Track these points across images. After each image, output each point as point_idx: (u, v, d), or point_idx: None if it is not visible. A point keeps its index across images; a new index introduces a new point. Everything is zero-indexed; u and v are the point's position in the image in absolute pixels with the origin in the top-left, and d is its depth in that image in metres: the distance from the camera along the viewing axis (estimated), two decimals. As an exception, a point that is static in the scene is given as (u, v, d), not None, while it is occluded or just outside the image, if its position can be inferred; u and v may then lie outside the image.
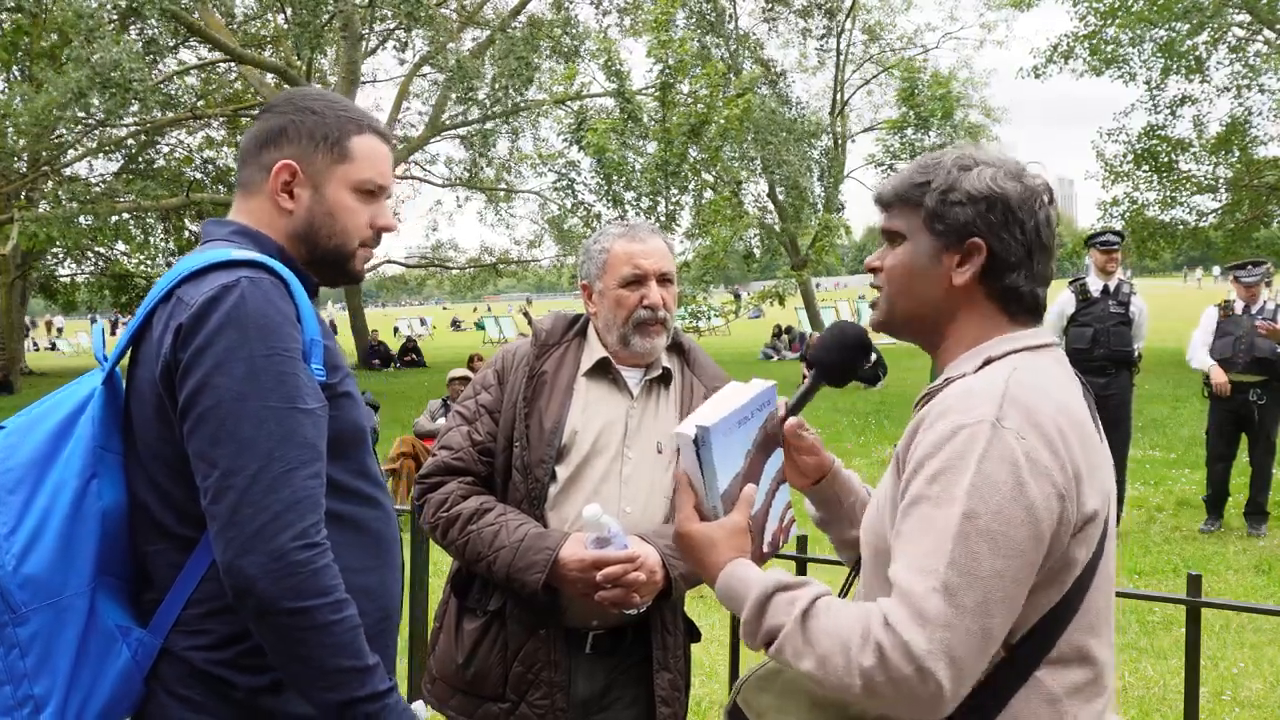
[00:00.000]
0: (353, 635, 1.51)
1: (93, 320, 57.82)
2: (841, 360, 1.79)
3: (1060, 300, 7.73)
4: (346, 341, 29.78)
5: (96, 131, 21.18)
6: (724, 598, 1.49)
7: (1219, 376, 7.47)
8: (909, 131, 21.49)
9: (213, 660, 1.56)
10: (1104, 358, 7.43)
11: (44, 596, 1.51)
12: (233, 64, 21.73)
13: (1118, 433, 7.53)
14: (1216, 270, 61.64)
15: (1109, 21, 21.62)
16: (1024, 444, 1.33)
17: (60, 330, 57.35)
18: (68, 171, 23.68)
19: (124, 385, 1.65)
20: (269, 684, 1.57)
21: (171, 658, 1.58)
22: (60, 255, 29.19)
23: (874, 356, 2.16)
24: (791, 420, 1.75)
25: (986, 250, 1.49)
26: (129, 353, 1.65)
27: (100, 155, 24.51)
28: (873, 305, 1.63)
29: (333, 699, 1.50)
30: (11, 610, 1.50)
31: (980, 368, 1.47)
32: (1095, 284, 7.58)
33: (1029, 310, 1.53)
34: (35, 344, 45.85)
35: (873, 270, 1.60)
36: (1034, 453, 1.33)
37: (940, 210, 1.50)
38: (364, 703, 1.51)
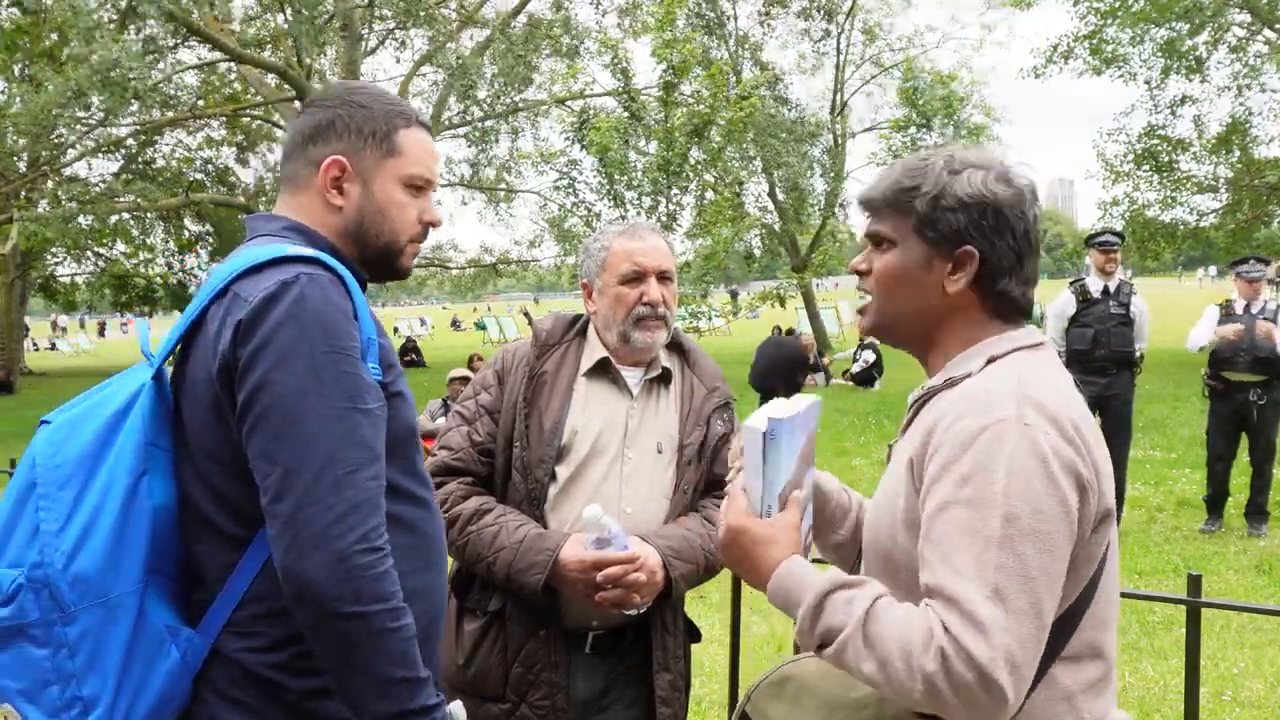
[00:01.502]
0: (408, 645, 1.48)
1: (80, 319, 57.92)
2: (784, 379, 1.79)
3: (1060, 301, 7.72)
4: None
5: (96, 131, 21.18)
6: (776, 593, 1.46)
7: (1226, 330, 7.44)
8: (912, 130, 21.50)
9: (265, 662, 1.53)
10: (1105, 358, 7.42)
11: (94, 596, 1.47)
12: (232, 64, 21.71)
13: (1119, 433, 7.53)
14: (1214, 270, 61.62)
15: (1109, 21, 21.62)
16: (1049, 439, 1.33)
17: (64, 330, 57.36)
18: (68, 171, 23.68)
19: (171, 380, 1.61)
20: (321, 687, 1.54)
21: (222, 659, 1.55)
22: (60, 255, 29.19)
23: (799, 374, 2.16)
24: None
25: (979, 257, 1.47)
26: (180, 348, 1.61)
27: (100, 155, 24.52)
28: (860, 311, 1.61)
29: (384, 709, 1.46)
30: (60, 609, 1.47)
31: (984, 366, 1.46)
32: (1095, 284, 7.58)
33: (1020, 312, 1.53)
34: (35, 344, 45.84)
35: (859, 273, 1.58)
36: (1059, 448, 1.34)
37: (932, 216, 1.48)
38: (415, 715, 1.48)
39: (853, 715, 1.40)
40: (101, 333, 54.29)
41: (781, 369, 2.15)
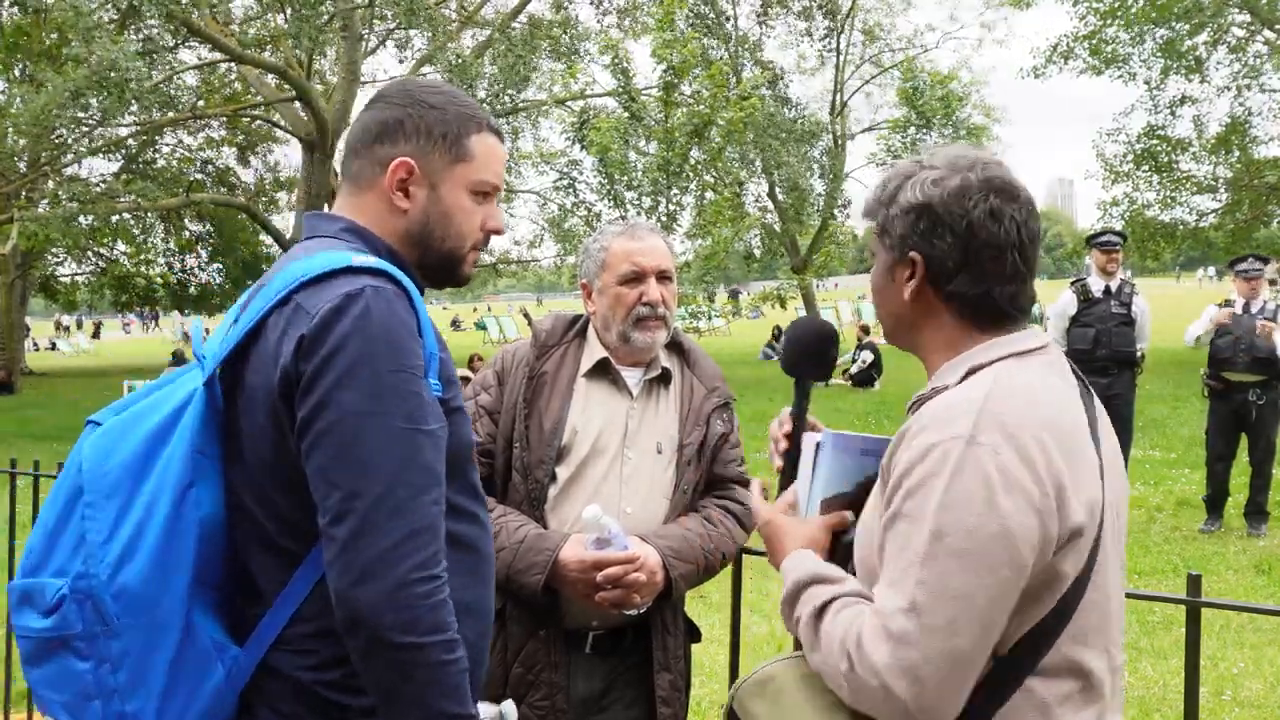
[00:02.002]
0: (460, 679, 1.43)
1: (76, 320, 57.84)
2: (812, 357, 1.80)
3: (1062, 301, 7.73)
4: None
5: (96, 132, 21.17)
6: (783, 580, 1.53)
7: (1221, 315, 7.45)
8: (912, 130, 21.51)
9: (320, 680, 1.48)
10: (1106, 358, 7.42)
11: (139, 610, 1.42)
12: (233, 64, 21.71)
13: (1120, 433, 7.53)
14: (1212, 270, 61.59)
15: (1109, 21, 21.62)
16: (998, 460, 1.32)
17: (68, 329, 57.35)
18: (68, 171, 23.68)
19: (225, 386, 1.53)
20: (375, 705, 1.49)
21: (276, 675, 1.49)
22: (60, 255, 29.19)
23: (840, 341, 2.16)
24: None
25: (923, 261, 1.47)
26: (235, 354, 1.54)
27: (100, 156, 24.52)
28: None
29: None
30: (104, 622, 1.41)
31: (964, 377, 1.45)
32: (1097, 284, 7.58)
33: (994, 313, 1.48)
34: (35, 344, 45.83)
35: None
36: (1009, 469, 1.32)
37: (885, 225, 1.52)
38: None
39: (825, 714, 1.42)
40: (96, 334, 54.25)
41: (809, 346, 2.07)
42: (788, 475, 1.72)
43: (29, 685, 1.49)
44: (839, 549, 1.58)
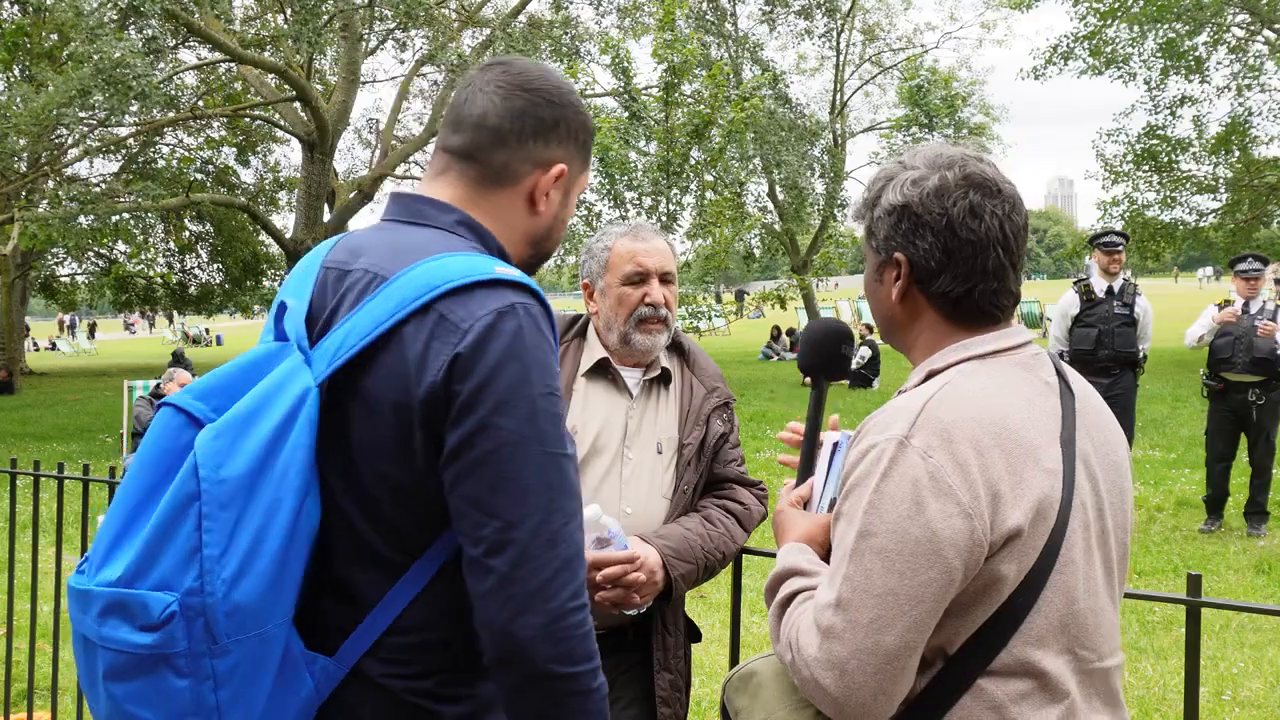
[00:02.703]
0: (604, 703, 1.42)
1: (75, 319, 57.72)
2: (826, 356, 1.82)
3: (1064, 301, 7.72)
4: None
5: (98, 131, 21.17)
6: (770, 573, 1.57)
7: (1223, 315, 7.45)
8: (914, 130, 21.51)
9: (416, 689, 1.45)
10: (1109, 358, 7.42)
11: (250, 628, 1.34)
12: (233, 64, 21.70)
13: (1123, 432, 7.53)
14: (1210, 270, 61.56)
15: (1109, 22, 21.63)
16: (929, 462, 1.33)
17: (71, 327, 57.27)
18: (68, 171, 23.67)
19: (333, 387, 1.43)
20: (469, 712, 1.48)
21: (368, 684, 1.44)
22: (60, 255, 29.18)
23: (855, 340, 2.18)
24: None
25: (906, 261, 1.48)
26: (357, 356, 1.43)
27: (101, 156, 24.51)
28: None
29: None
30: (214, 640, 1.32)
31: (922, 381, 1.47)
32: (1099, 285, 7.57)
33: (975, 312, 1.48)
34: (35, 344, 45.84)
35: None
36: (939, 471, 1.33)
37: (872, 228, 1.53)
38: None
39: (789, 714, 1.47)
40: (91, 335, 54.20)
41: (825, 346, 2.08)
42: (804, 469, 1.75)
43: (108, 698, 1.37)
44: None
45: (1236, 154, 21.78)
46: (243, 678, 1.35)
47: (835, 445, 1.67)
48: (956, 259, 1.45)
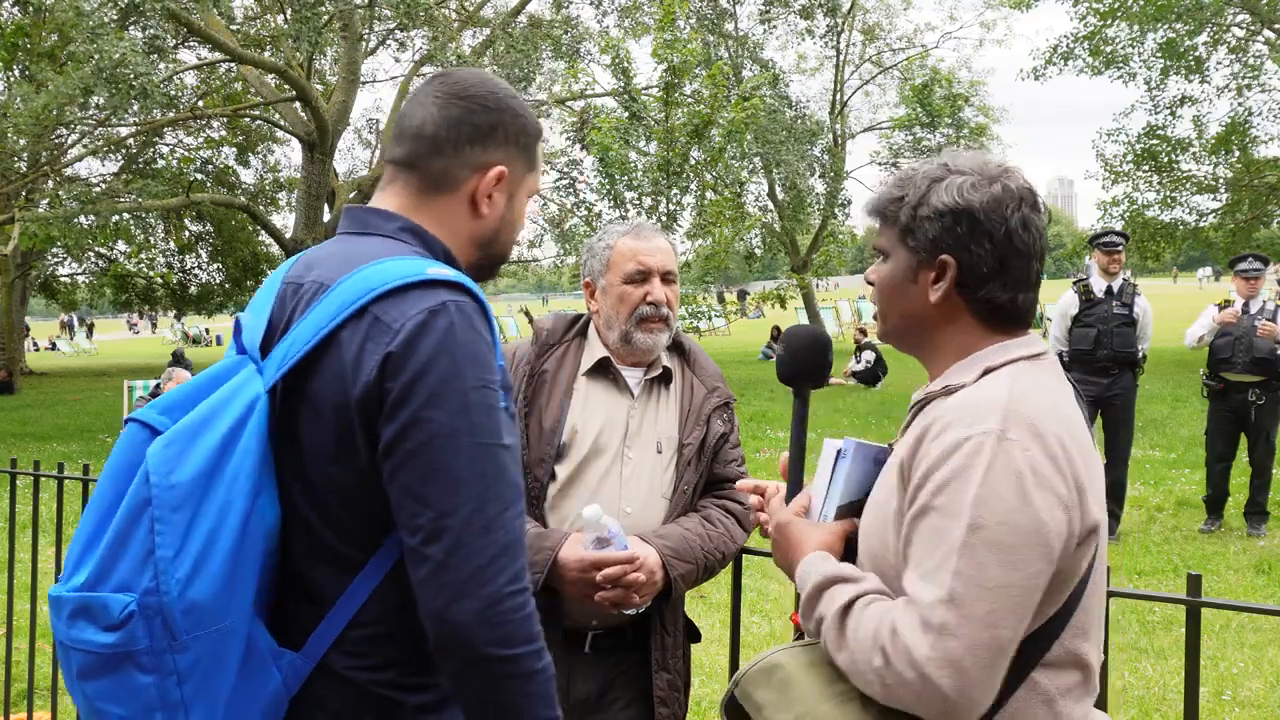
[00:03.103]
0: (549, 684, 1.45)
1: (78, 319, 57.74)
2: (808, 364, 1.81)
3: (1063, 301, 7.71)
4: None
5: (98, 131, 21.17)
6: (799, 583, 1.53)
7: (1224, 315, 7.45)
8: (915, 130, 21.51)
9: (379, 680, 1.50)
10: (1107, 359, 7.41)
11: (207, 624, 1.41)
12: (233, 64, 21.70)
13: (1121, 432, 7.54)
14: (1209, 270, 61.53)
15: (1109, 22, 21.62)
16: (1028, 456, 1.35)
17: (72, 327, 57.25)
18: (68, 171, 23.67)
19: (284, 390, 1.50)
20: (433, 701, 1.52)
21: (334, 677, 1.50)
22: (60, 255, 29.18)
23: (828, 354, 2.16)
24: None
25: (956, 265, 1.49)
26: (301, 361, 1.50)
27: (100, 156, 24.50)
28: (875, 318, 1.66)
29: None
30: (173, 637, 1.39)
31: (979, 377, 1.48)
32: (1098, 285, 7.56)
33: (1012, 318, 1.52)
34: (35, 344, 45.83)
35: (870, 284, 1.64)
36: (1038, 465, 1.35)
37: (911, 226, 1.52)
38: None
39: (833, 708, 1.42)
40: (89, 335, 54.16)
41: (804, 355, 2.05)
42: (794, 481, 1.73)
43: (82, 697, 1.45)
44: (848, 556, 1.59)
45: (1236, 154, 21.77)
46: (204, 672, 1.41)
47: (839, 452, 1.63)
48: (1009, 268, 1.49)
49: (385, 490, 1.44)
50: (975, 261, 1.48)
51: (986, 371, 1.48)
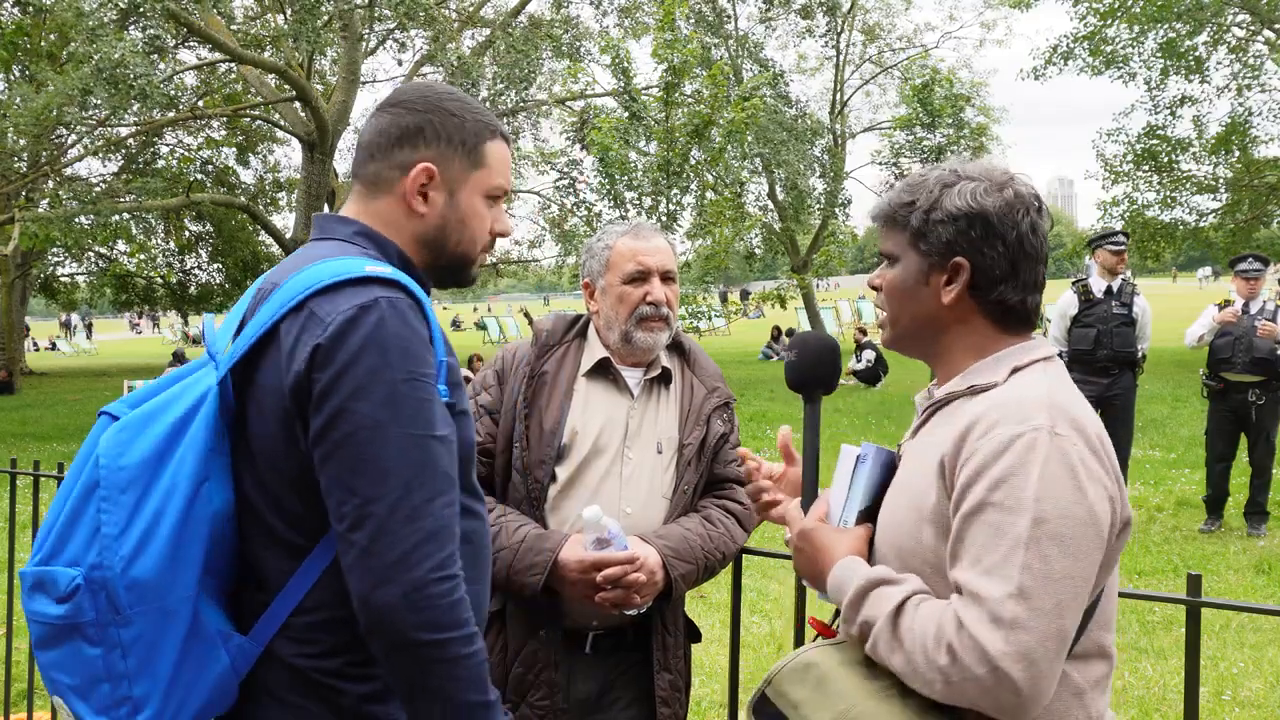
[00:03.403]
0: (481, 669, 1.48)
1: (80, 319, 57.68)
2: (819, 371, 1.82)
3: (1062, 302, 7.70)
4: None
5: (97, 131, 21.16)
6: (832, 589, 1.54)
7: (1224, 315, 7.45)
8: (915, 129, 21.49)
9: (321, 668, 1.54)
10: (1107, 358, 7.41)
11: (150, 600, 1.48)
12: (233, 64, 21.70)
13: (1121, 433, 7.54)
14: (1207, 271, 61.49)
15: (1109, 22, 21.62)
16: (1077, 450, 1.39)
17: (76, 327, 57.17)
18: (68, 171, 23.66)
19: (236, 385, 1.58)
20: (375, 691, 1.56)
21: (279, 663, 1.55)
22: (60, 255, 29.17)
23: (839, 359, 2.17)
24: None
25: (970, 268, 1.52)
26: (248, 354, 1.58)
27: (100, 156, 24.49)
28: (879, 325, 1.68)
29: None
30: (116, 610, 1.48)
31: (1009, 376, 1.51)
32: (1098, 285, 7.56)
33: (1021, 320, 1.57)
34: (35, 344, 45.80)
35: (874, 288, 1.65)
36: (1086, 459, 1.40)
37: (924, 230, 1.55)
38: None
39: (877, 705, 1.42)
40: (89, 334, 54.10)
41: (814, 362, 2.06)
42: (809, 489, 1.73)
43: (39, 667, 1.54)
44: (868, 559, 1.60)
45: (1236, 154, 21.77)
46: (147, 646, 1.48)
47: (858, 459, 1.63)
48: (1020, 270, 1.53)
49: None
50: (989, 264, 1.52)
51: (1015, 370, 1.51)
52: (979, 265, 1.52)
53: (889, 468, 1.64)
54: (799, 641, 2.42)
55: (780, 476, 1.92)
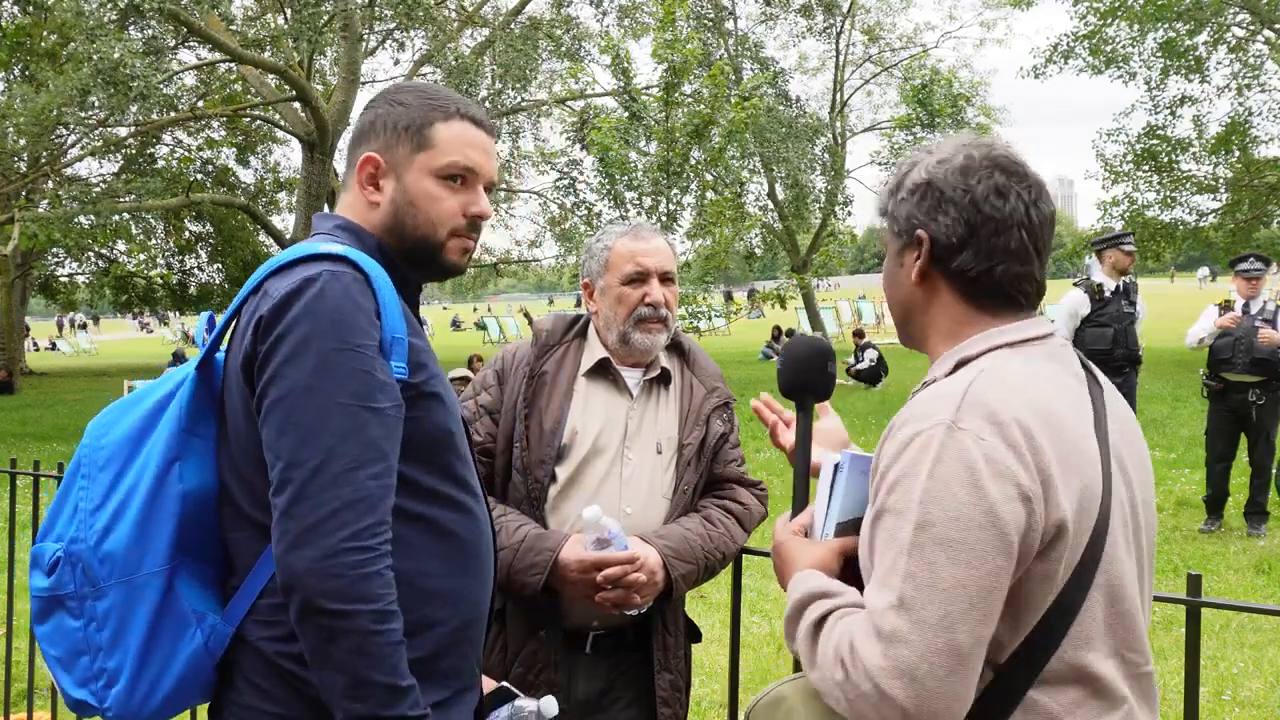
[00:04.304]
0: (391, 650, 1.46)
1: (81, 319, 57.53)
2: (811, 377, 1.78)
3: (1072, 301, 7.64)
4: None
5: (97, 131, 21.16)
6: (788, 601, 1.49)
7: (1225, 320, 7.46)
8: (916, 129, 21.48)
9: (282, 652, 1.55)
10: (1124, 358, 7.42)
11: (121, 573, 1.53)
12: (233, 64, 21.69)
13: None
14: (1205, 271, 61.47)
15: (1109, 21, 21.62)
16: (983, 445, 1.28)
17: (82, 326, 57.06)
18: (68, 171, 23.65)
19: (217, 370, 1.66)
20: None
21: (249, 646, 1.57)
22: (60, 255, 29.17)
23: (831, 365, 2.11)
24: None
25: (928, 238, 1.47)
26: (225, 341, 1.67)
27: (99, 156, 24.47)
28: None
29: (354, 710, 1.44)
30: (91, 583, 1.54)
31: (953, 370, 1.44)
32: (1109, 284, 7.56)
33: (994, 293, 1.45)
34: (35, 344, 45.80)
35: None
36: (994, 453, 1.27)
37: (892, 210, 1.52)
38: None
39: None
40: (84, 329, 53.97)
41: (806, 368, 2.03)
42: (799, 499, 1.70)
43: (38, 640, 1.60)
44: (848, 574, 1.53)
45: (1236, 154, 21.77)
46: (119, 619, 1.54)
47: (836, 466, 1.58)
48: (979, 235, 1.43)
49: None
50: (943, 232, 1.45)
51: (960, 364, 1.43)
52: (934, 234, 1.45)
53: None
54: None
55: (790, 421, 1.92)
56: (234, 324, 1.62)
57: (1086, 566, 1.34)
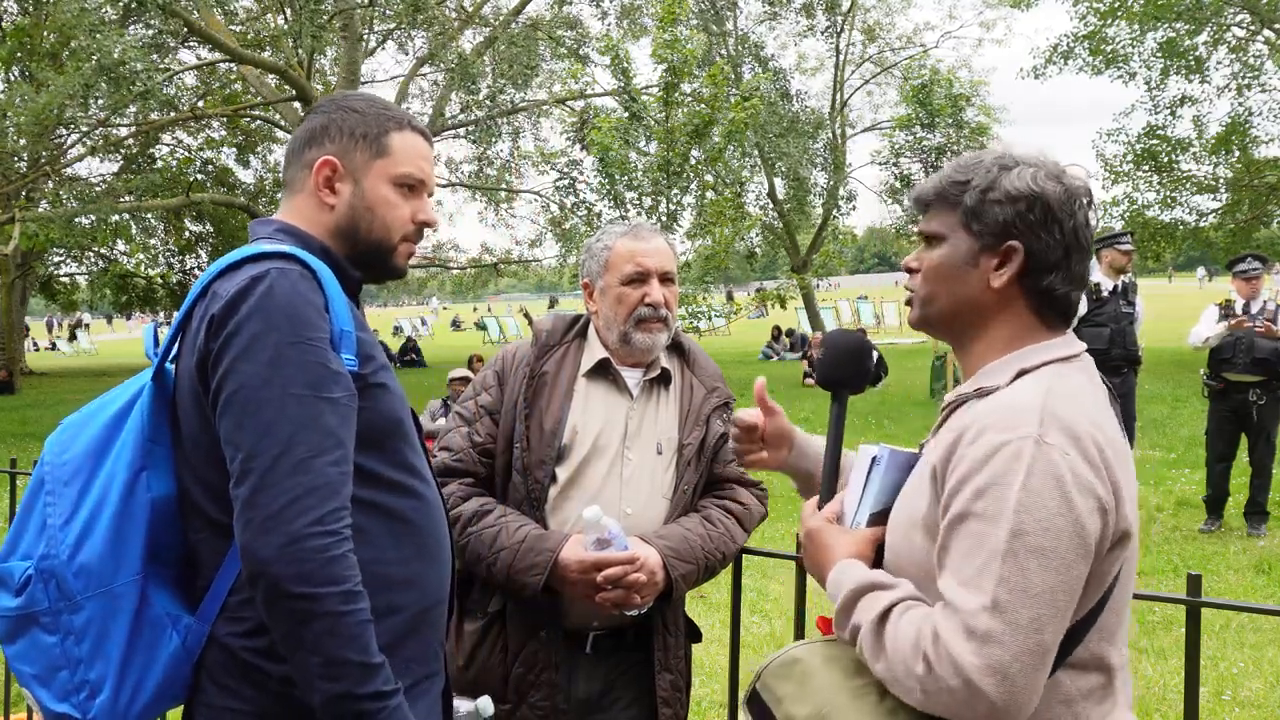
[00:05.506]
0: (360, 629, 1.50)
1: (51, 322, 57.29)
2: (852, 369, 1.80)
3: None
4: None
5: (97, 131, 21.16)
6: (830, 590, 1.53)
7: (1234, 325, 7.45)
8: (916, 129, 21.47)
9: (248, 647, 1.58)
10: (1120, 357, 7.43)
11: (96, 585, 1.55)
12: (233, 64, 21.69)
13: (1126, 431, 7.55)
14: (1203, 272, 61.45)
15: (1109, 21, 21.61)
16: (1068, 460, 1.35)
17: (84, 326, 56.92)
18: (68, 171, 23.65)
19: (170, 378, 1.68)
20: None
21: (216, 644, 1.60)
22: (61, 255, 29.16)
23: (875, 354, 2.16)
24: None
25: (1024, 252, 1.48)
26: (176, 348, 1.69)
27: (99, 156, 24.47)
28: (907, 302, 1.64)
29: (330, 690, 1.48)
30: (67, 598, 1.55)
31: (1013, 379, 1.47)
32: (1106, 284, 7.58)
33: (1062, 313, 1.53)
34: (35, 344, 45.80)
35: (909, 270, 1.61)
36: (1077, 468, 1.35)
37: (979, 209, 1.50)
38: (363, 700, 1.49)
39: (853, 700, 1.43)
40: (73, 336, 53.87)
41: (848, 360, 2.05)
42: (827, 487, 1.72)
43: (8, 660, 1.60)
44: (878, 563, 1.58)
45: (1236, 154, 21.75)
46: (98, 630, 1.56)
47: (874, 459, 1.62)
48: (1071, 259, 1.50)
49: None
50: (1044, 250, 1.48)
51: (1020, 374, 1.47)
52: (1034, 250, 1.48)
53: (905, 469, 1.62)
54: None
55: (760, 427, 1.93)
56: (184, 329, 1.65)
57: (1122, 569, 1.45)
